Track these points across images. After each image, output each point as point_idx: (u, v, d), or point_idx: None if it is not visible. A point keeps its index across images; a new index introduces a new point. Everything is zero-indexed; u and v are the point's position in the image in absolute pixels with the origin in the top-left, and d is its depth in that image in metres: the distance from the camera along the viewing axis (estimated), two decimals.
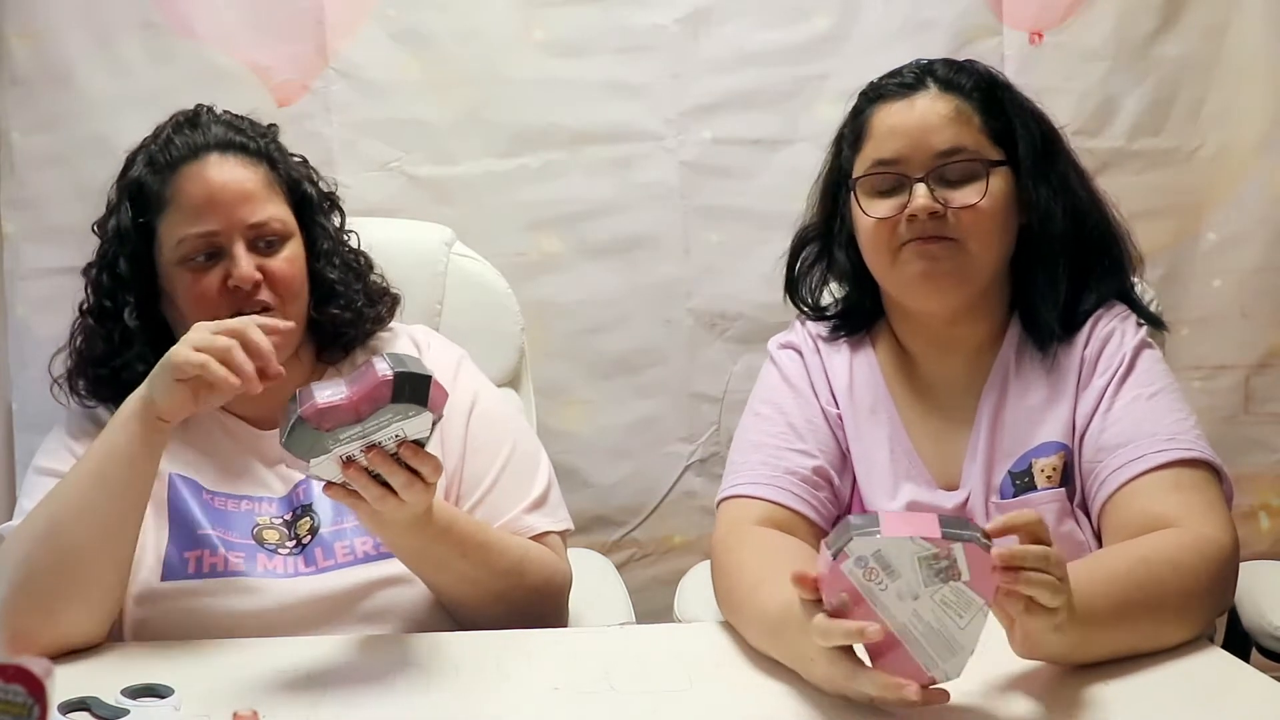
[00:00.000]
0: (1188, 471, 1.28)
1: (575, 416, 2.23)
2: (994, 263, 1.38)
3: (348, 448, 1.13)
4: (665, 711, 1.11)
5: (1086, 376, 1.37)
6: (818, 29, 2.20)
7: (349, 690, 1.18)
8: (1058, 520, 1.34)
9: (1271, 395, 2.21)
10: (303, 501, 1.44)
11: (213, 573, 1.37)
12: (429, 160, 2.20)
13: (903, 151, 1.37)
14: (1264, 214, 2.20)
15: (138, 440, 1.27)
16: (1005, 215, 1.38)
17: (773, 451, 1.41)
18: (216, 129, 1.47)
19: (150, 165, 1.46)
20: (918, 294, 1.39)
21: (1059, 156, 1.42)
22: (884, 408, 1.44)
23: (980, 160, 1.36)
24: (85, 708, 1.10)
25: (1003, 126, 1.39)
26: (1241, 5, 2.18)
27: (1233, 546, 1.24)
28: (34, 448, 1.51)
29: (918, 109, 1.38)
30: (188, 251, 1.42)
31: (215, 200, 1.42)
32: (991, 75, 1.43)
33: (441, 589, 1.38)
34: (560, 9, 2.19)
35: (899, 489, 1.41)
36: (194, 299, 1.41)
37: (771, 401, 1.47)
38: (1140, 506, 1.27)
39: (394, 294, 1.60)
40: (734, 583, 1.29)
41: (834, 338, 1.49)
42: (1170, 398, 1.35)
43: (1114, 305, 1.42)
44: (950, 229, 1.35)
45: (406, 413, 1.13)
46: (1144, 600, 1.15)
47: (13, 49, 2.17)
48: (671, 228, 2.22)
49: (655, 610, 1.82)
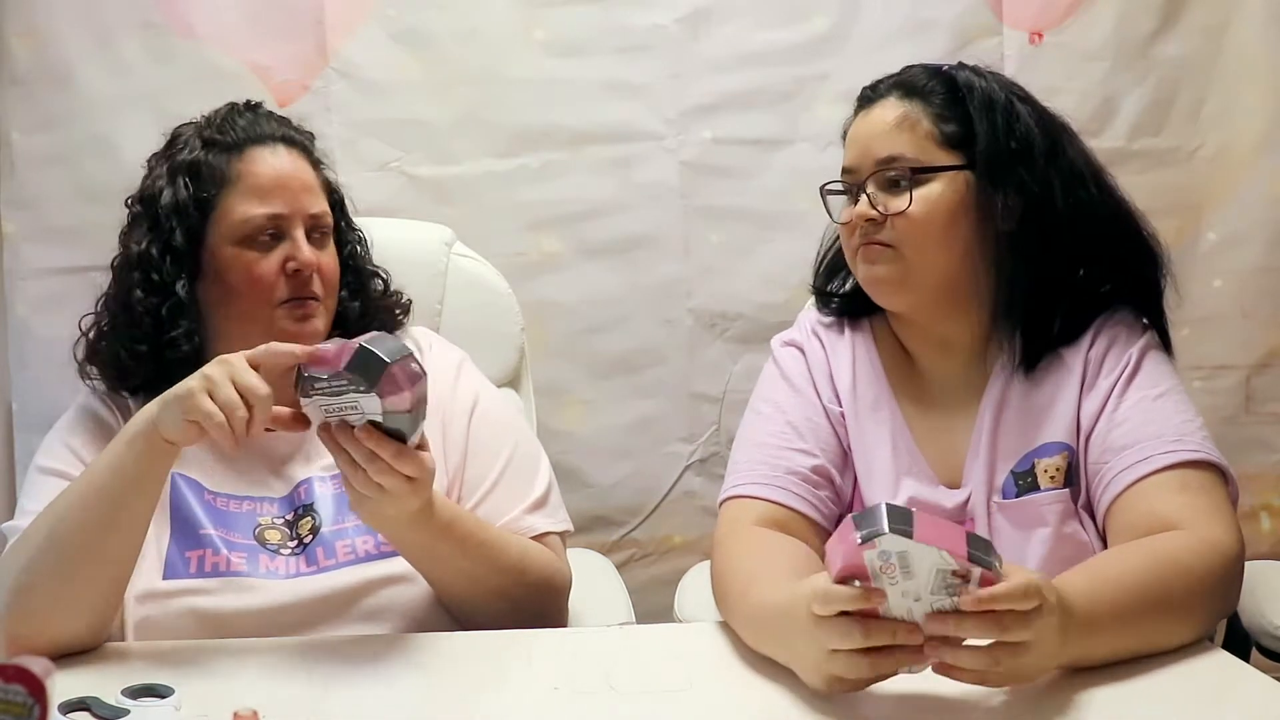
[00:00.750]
0: (1194, 473, 1.28)
1: (575, 416, 2.23)
2: (939, 267, 1.37)
3: (326, 400, 1.18)
4: (665, 711, 1.12)
5: (1092, 377, 1.37)
6: (818, 29, 2.20)
7: (349, 690, 1.18)
8: (1061, 521, 1.34)
9: (1272, 395, 2.21)
10: (304, 501, 1.44)
11: (215, 572, 1.37)
12: (429, 160, 2.21)
13: (854, 160, 1.41)
14: (1264, 214, 2.20)
15: (144, 459, 1.25)
16: (947, 220, 1.36)
17: (773, 451, 1.41)
18: (277, 124, 1.52)
19: (210, 145, 1.47)
20: (874, 296, 1.42)
21: (1045, 156, 1.39)
22: (886, 404, 1.44)
23: (911, 168, 1.36)
24: (85, 708, 1.10)
25: (964, 131, 1.38)
26: (1241, 5, 2.18)
27: (1238, 549, 1.24)
28: (34, 448, 1.50)
29: (870, 118, 1.42)
30: (251, 231, 1.43)
31: (284, 184, 1.45)
32: (959, 77, 1.41)
33: (443, 586, 1.38)
34: (560, 9, 2.19)
35: (900, 485, 1.40)
36: (253, 279, 1.43)
37: (772, 400, 1.46)
38: (1146, 508, 1.27)
39: (408, 299, 1.63)
40: (729, 582, 1.30)
41: (838, 324, 1.49)
42: (1176, 399, 1.34)
43: (1123, 306, 1.41)
44: (888, 235, 1.37)
45: (358, 385, 1.17)
46: (1147, 605, 1.15)
47: (13, 49, 2.17)
48: (671, 228, 2.22)
49: (655, 610, 1.82)
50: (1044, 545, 1.34)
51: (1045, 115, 1.43)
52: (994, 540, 1.33)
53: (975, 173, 1.37)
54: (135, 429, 1.26)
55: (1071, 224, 1.38)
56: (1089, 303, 1.41)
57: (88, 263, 2.15)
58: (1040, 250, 1.37)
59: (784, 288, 2.22)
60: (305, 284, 1.44)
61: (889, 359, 1.46)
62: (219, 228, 1.45)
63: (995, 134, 1.37)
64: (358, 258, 1.59)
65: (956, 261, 1.38)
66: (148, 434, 1.25)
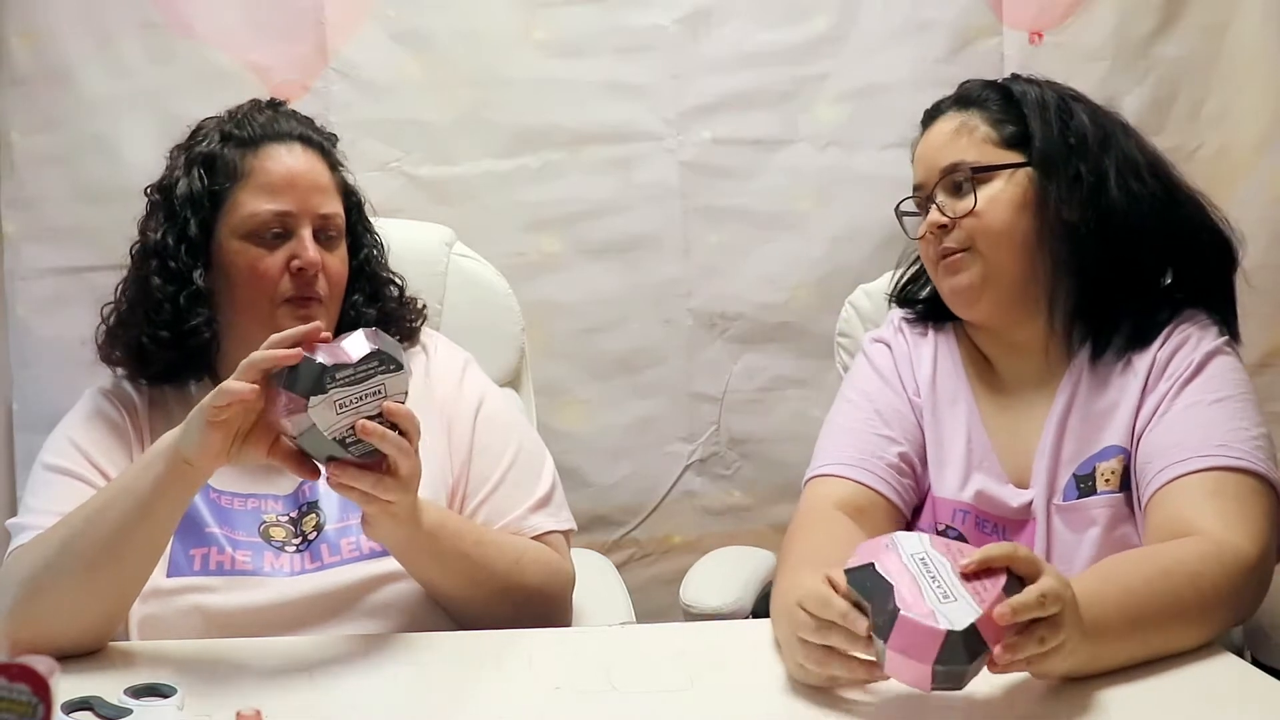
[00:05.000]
0: (1230, 478, 1.26)
1: (575, 416, 2.23)
2: (1015, 264, 1.40)
3: (343, 391, 1.17)
4: (665, 711, 1.12)
5: (1154, 380, 1.36)
6: (817, 29, 2.20)
7: (351, 690, 1.18)
8: (1112, 525, 1.34)
9: (1272, 395, 2.21)
10: (309, 498, 1.44)
11: (219, 570, 1.37)
12: (429, 160, 2.21)
13: (922, 176, 1.46)
14: (1264, 214, 2.20)
15: (162, 483, 1.23)
16: (1014, 216, 1.39)
17: (861, 435, 1.44)
18: (296, 123, 1.52)
19: (227, 139, 1.48)
20: (955, 307, 1.45)
21: (1100, 147, 1.41)
22: (964, 399, 1.46)
23: (972, 168, 1.40)
24: (88, 707, 1.10)
25: (1021, 131, 1.41)
26: (1241, 5, 2.19)
27: (1259, 557, 1.22)
28: (34, 447, 1.50)
29: (931, 134, 1.47)
30: (258, 226, 1.44)
31: (294, 182, 1.46)
32: (1013, 86, 1.45)
33: (442, 591, 1.38)
34: (560, 9, 2.20)
35: (970, 479, 1.42)
36: (256, 274, 1.43)
37: (861, 390, 1.50)
38: (1173, 510, 1.26)
39: (423, 304, 1.63)
40: (783, 557, 1.32)
41: (923, 324, 1.52)
42: (1236, 406, 1.33)
43: (1198, 311, 1.41)
44: (959, 238, 1.41)
45: (389, 365, 1.19)
46: (1160, 613, 1.14)
47: (13, 49, 2.17)
48: (671, 228, 2.23)
49: (655, 610, 1.83)
50: (1093, 547, 1.34)
51: (1099, 112, 1.46)
52: (1051, 542, 1.36)
53: (1034, 168, 1.40)
54: (157, 451, 1.25)
55: (1129, 213, 1.39)
56: (1162, 306, 1.41)
57: (88, 263, 2.16)
58: (1103, 242, 1.38)
59: (784, 288, 2.22)
60: (309, 283, 1.44)
61: (970, 358, 1.49)
62: (228, 220, 1.45)
63: (1049, 129, 1.41)
64: (374, 262, 1.58)
65: (1027, 257, 1.40)
66: (168, 457, 1.23)
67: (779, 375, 2.22)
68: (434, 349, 1.58)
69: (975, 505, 1.41)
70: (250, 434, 1.22)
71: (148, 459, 1.25)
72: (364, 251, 1.57)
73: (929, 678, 1.00)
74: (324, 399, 1.17)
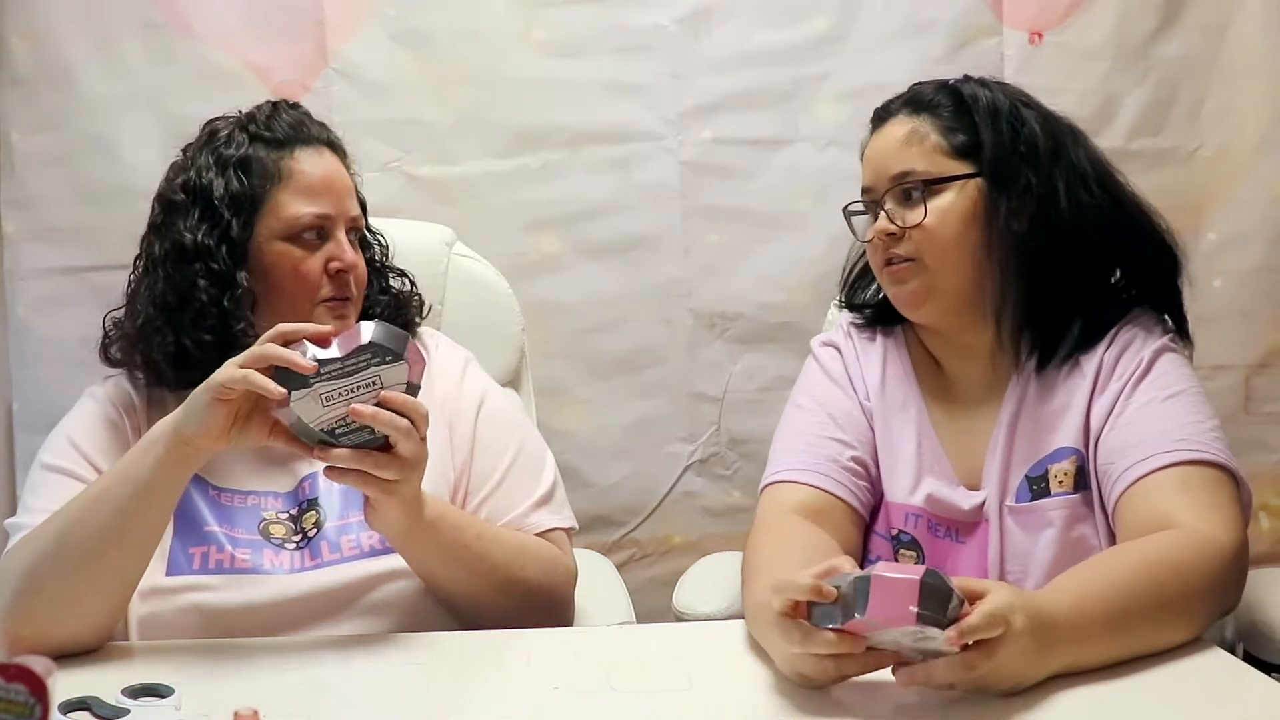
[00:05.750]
0: (1196, 471, 1.28)
1: (575, 416, 2.23)
2: (962, 275, 1.40)
3: (330, 385, 1.18)
4: (665, 711, 1.12)
5: (1104, 381, 1.37)
6: (818, 29, 2.20)
7: (350, 690, 1.19)
8: (1068, 525, 1.35)
9: (1271, 395, 2.21)
10: (309, 496, 1.44)
11: (219, 569, 1.37)
12: (429, 160, 2.21)
13: (871, 179, 1.46)
14: (1264, 214, 2.20)
15: (161, 466, 1.24)
16: (963, 228, 1.40)
17: (814, 439, 1.45)
18: (319, 127, 1.54)
19: (257, 140, 1.49)
20: (902, 309, 1.45)
21: (1050, 158, 1.41)
22: (914, 403, 1.46)
23: (923, 180, 1.40)
24: (86, 708, 1.10)
25: (972, 140, 1.41)
26: (1241, 5, 2.18)
27: (1235, 548, 1.23)
28: (34, 447, 1.50)
29: (881, 137, 1.46)
30: (300, 229, 1.46)
31: (332, 185, 1.49)
32: (964, 90, 1.44)
33: (443, 585, 1.38)
34: (560, 9, 2.19)
35: (921, 483, 1.42)
36: (299, 275, 1.46)
37: (812, 394, 1.50)
38: (1147, 506, 1.27)
39: (419, 298, 1.66)
40: (747, 571, 1.32)
41: (870, 329, 1.52)
42: (1188, 400, 1.34)
43: (1144, 311, 1.42)
44: (908, 248, 1.41)
45: (385, 357, 1.19)
46: (1143, 607, 1.15)
47: (13, 49, 2.17)
48: (671, 228, 2.22)
49: (655, 610, 1.82)
50: (1050, 549, 1.35)
51: (1051, 119, 1.45)
52: (1005, 543, 1.36)
53: (984, 179, 1.40)
54: (154, 435, 1.26)
55: (1077, 225, 1.40)
56: (1109, 309, 1.42)
57: (88, 263, 2.16)
58: (1051, 254, 1.39)
59: (784, 288, 2.22)
60: (345, 284, 1.48)
61: (918, 362, 1.49)
62: (267, 222, 1.47)
63: (1000, 139, 1.40)
64: (383, 257, 1.64)
65: (975, 268, 1.40)
66: (167, 439, 1.24)
67: (779, 375, 2.22)
68: (435, 347, 1.59)
69: (927, 509, 1.42)
70: (251, 416, 1.23)
71: (144, 444, 1.26)
72: (370, 249, 1.61)
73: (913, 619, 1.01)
74: (307, 393, 1.19)
